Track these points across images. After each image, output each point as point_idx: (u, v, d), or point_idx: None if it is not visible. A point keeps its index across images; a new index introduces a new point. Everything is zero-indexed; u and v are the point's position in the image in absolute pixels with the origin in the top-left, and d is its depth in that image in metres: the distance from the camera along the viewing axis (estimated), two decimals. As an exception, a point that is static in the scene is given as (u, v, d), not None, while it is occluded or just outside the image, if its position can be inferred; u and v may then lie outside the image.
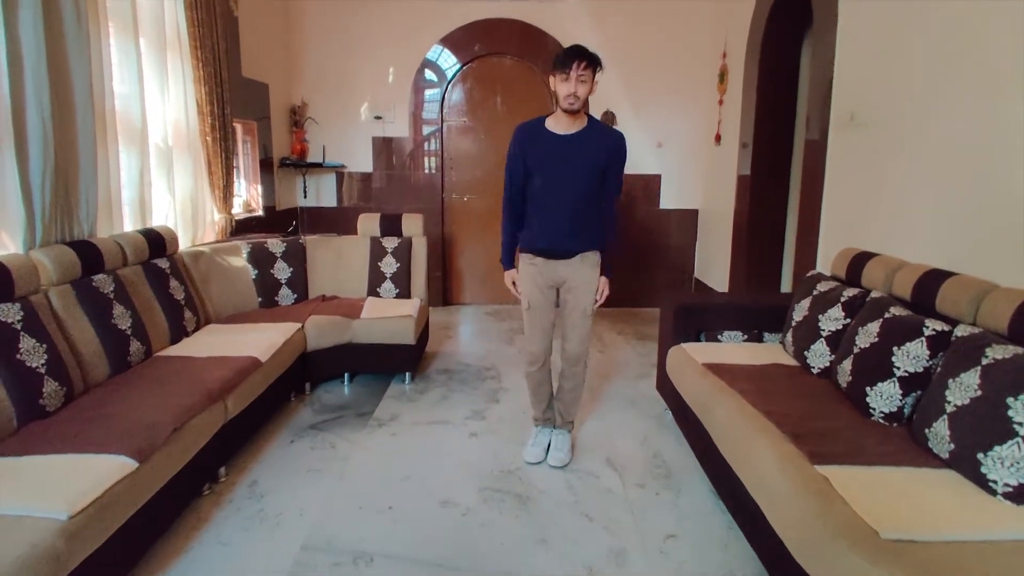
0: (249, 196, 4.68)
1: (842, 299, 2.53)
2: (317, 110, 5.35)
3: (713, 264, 5.19)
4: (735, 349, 2.89)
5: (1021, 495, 1.59)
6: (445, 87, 5.36)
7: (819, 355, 2.52)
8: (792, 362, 2.69)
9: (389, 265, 3.99)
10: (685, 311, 3.07)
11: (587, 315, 2.63)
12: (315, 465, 2.70)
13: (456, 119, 5.45)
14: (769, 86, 4.17)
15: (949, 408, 1.81)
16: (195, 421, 2.21)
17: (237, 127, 4.35)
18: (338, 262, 4.05)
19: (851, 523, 1.52)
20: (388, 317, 3.54)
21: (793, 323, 2.77)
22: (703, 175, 5.41)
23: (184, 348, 2.88)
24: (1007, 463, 1.60)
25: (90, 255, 2.59)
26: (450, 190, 5.55)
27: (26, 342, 2.08)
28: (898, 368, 2.07)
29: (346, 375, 3.69)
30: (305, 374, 3.45)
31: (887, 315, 2.22)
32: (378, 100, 5.36)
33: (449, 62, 5.31)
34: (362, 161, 5.48)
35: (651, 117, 5.38)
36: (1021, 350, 1.72)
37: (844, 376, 2.30)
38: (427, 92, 5.37)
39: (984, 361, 1.77)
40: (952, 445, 1.77)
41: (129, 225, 3.14)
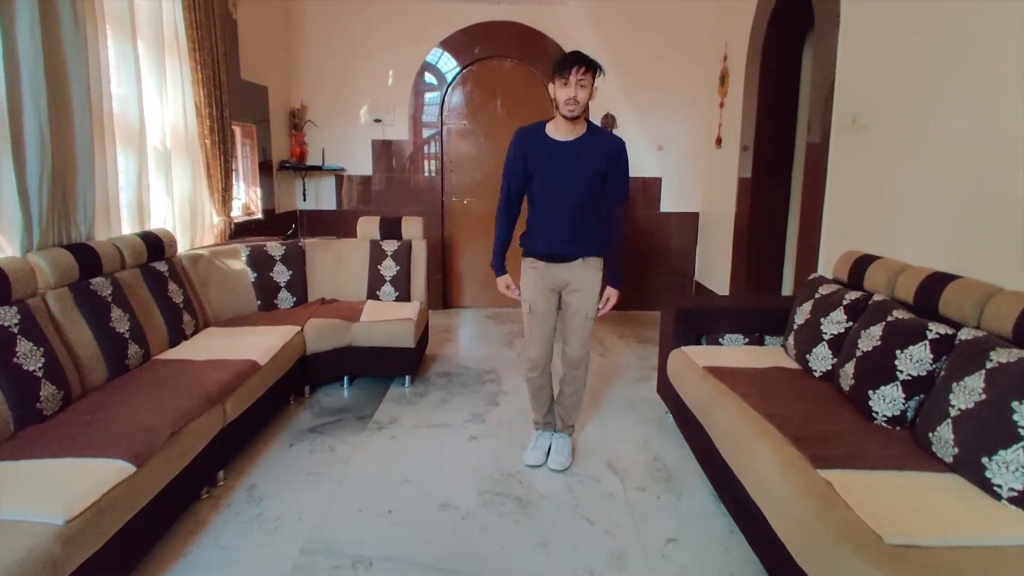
0: (248, 199, 4.67)
1: (844, 302, 2.52)
2: (316, 113, 5.34)
3: (714, 267, 5.18)
4: (736, 352, 2.87)
5: (1026, 499, 1.58)
6: (445, 90, 5.35)
7: (821, 358, 2.51)
8: (794, 365, 2.68)
9: (389, 268, 3.98)
10: (686, 314, 3.06)
11: (589, 319, 2.61)
12: (314, 468, 2.69)
13: (456, 122, 5.45)
14: (770, 89, 4.17)
15: (953, 412, 1.80)
16: (193, 425, 2.20)
17: (236, 130, 4.34)
18: (337, 265, 4.04)
19: (854, 527, 1.50)
20: (388, 320, 3.53)
21: (795, 326, 2.76)
22: (704, 178, 5.40)
23: (182, 351, 2.87)
24: (1012, 467, 1.59)
25: (88, 258, 2.58)
26: (450, 193, 5.55)
27: (23, 345, 2.07)
28: (901, 372, 2.06)
29: (345, 378, 3.67)
30: (304, 377, 3.43)
31: (890, 318, 2.21)
32: (378, 103, 5.36)
33: (449, 65, 5.31)
34: (362, 164, 5.48)
35: (652, 120, 5.37)
36: (1025, 353, 1.71)
37: (846, 379, 2.29)
38: (427, 95, 5.36)
39: (988, 365, 1.76)
40: (956, 449, 1.76)
41: (127, 228, 3.13)
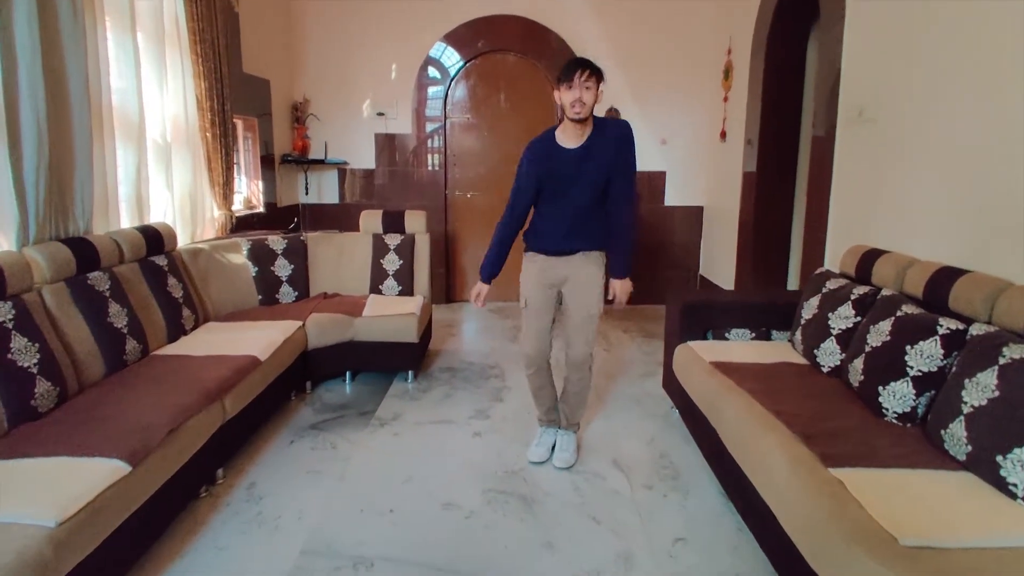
0: (250, 192, 4.64)
1: (852, 297, 2.48)
2: (319, 106, 5.31)
3: (719, 261, 5.14)
4: (743, 347, 2.83)
5: (1043, 499, 1.54)
6: (448, 84, 5.31)
7: (829, 354, 2.47)
8: (801, 361, 2.64)
9: (392, 262, 3.95)
10: (692, 309, 3.02)
11: (592, 317, 2.57)
12: (315, 466, 2.66)
13: (459, 116, 5.40)
14: (775, 82, 4.11)
15: (966, 409, 1.76)
16: (192, 422, 2.17)
17: (238, 123, 4.31)
18: (340, 259, 4.01)
19: (867, 528, 1.47)
20: (390, 315, 3.50)
21: (802, 321, 2.71)
22: (708, 172, 5.35)
23: (182, 347, 2.84)
24: (1028, 466, 1.55)
25: (85, 252, 2.55)
26: (453, 187, 5.51)
27: (17, 341, 2.04)
28: (911, 367, 2.02)
29: (348, 374, 3.64)
30: (306, 373, 3.40)
31: (899, 313, 2.17)
32: (381, 97, 5.32)
33: (452, 59, 5.26)
34: (365, 158, 5.44)
35: (656, 114, 5.32)
36: (1041, 349, 1.66)
37: (856, 375, 2.25)
38: (430, 89, 5.33)
39: (1001, 361, 1.72)
40: (969, 447, 1.72)
41: (126, 222, 3.10)
